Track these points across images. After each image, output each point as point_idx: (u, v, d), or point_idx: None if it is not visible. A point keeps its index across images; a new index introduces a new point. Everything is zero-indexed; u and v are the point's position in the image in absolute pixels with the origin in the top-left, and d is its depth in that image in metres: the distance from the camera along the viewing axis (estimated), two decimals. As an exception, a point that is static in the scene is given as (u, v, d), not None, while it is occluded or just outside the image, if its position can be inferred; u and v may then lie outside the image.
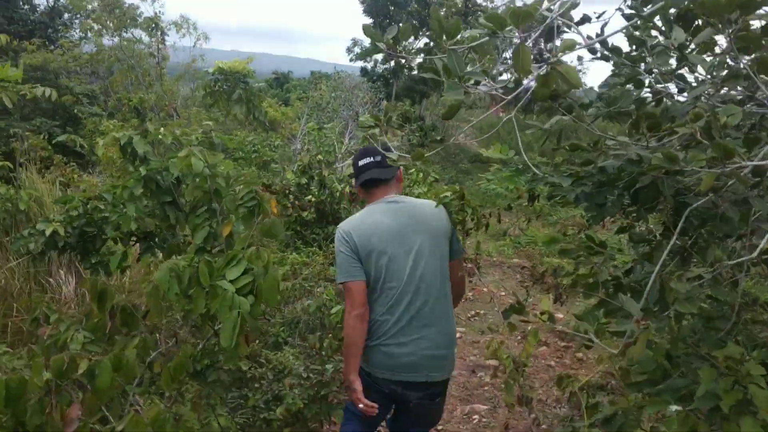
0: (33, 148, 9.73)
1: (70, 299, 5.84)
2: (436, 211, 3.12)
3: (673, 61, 2.16)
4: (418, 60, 32.29)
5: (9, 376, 2.25)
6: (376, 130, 2.41)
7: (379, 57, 32.88)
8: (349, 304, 2.99)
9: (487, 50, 1.86)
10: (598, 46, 2.22)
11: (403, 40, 2.09)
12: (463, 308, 7.92)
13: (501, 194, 16.24)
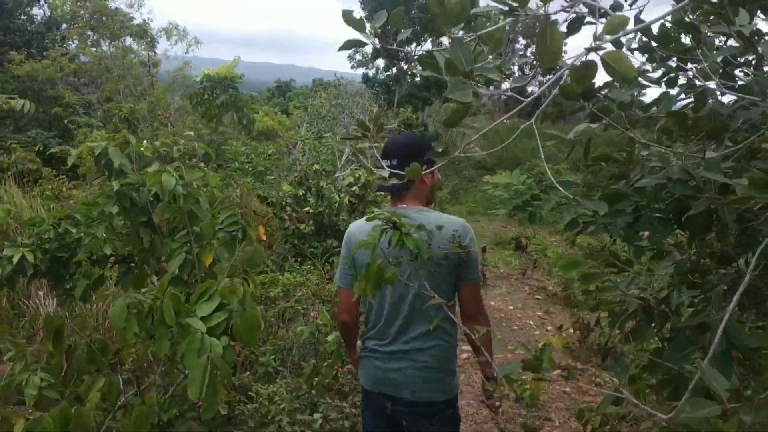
0: (20, 160, 9.37)
1: (48, 324, 5.45)
2: (446, 234, 2.69)
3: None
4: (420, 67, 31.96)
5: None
6: (365, 143, 2.03)
7: (381, 64, 32.64)
8: (338, 307, 2.98)
9: (500, 40, 1.47)
10: (633, 36, 1.83)
11: (396, 30, 1.70)
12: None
13: (505, 200, 15.83)
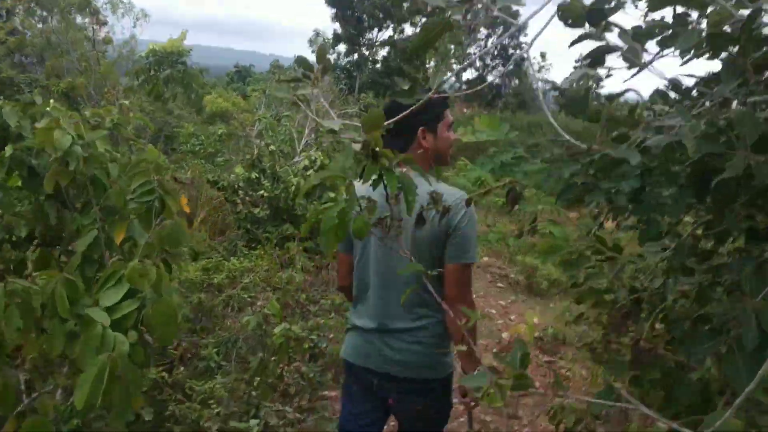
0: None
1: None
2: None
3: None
4: (382, 53, 31.61)
5: None
6: (307, 89, 1.62)
7: (342, 50, 32.06)
8: (337, 273, 2.86)
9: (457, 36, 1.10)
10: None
11: None
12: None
13: (469, 189, 15.52)
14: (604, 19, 1.48)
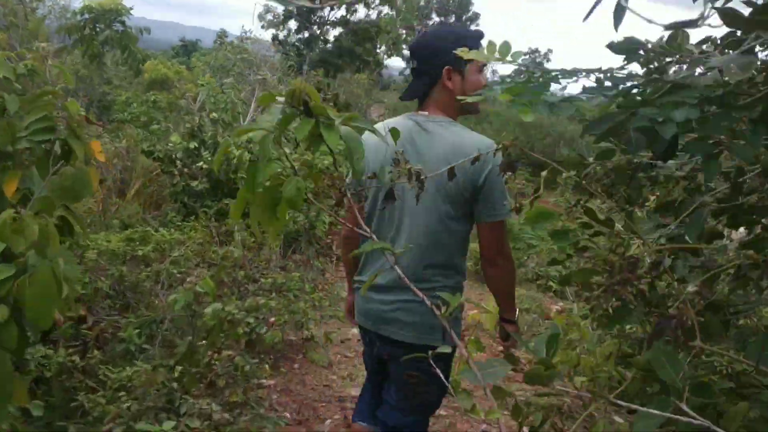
0: None
1: None
2: (459, 156, 2.05)
3: None
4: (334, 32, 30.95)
5: None
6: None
7: (293, 26, 31.28)
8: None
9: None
10: None
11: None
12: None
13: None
14: None
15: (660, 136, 1.05)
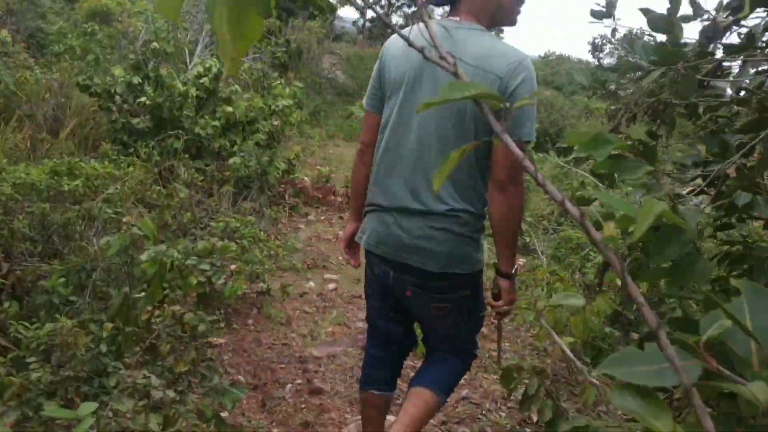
0: None
1: None
2: (491, 67, 1.98)
3: None
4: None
5: None
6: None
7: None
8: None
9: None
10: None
11: None
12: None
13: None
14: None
15: None
